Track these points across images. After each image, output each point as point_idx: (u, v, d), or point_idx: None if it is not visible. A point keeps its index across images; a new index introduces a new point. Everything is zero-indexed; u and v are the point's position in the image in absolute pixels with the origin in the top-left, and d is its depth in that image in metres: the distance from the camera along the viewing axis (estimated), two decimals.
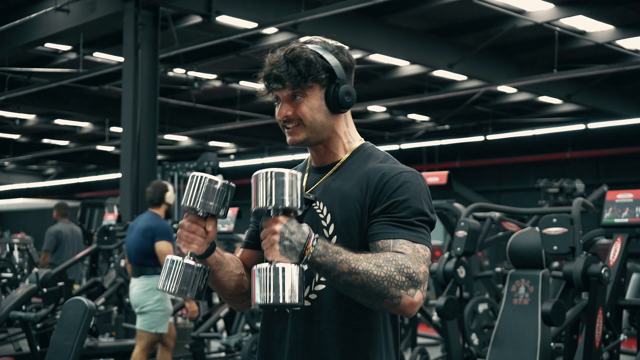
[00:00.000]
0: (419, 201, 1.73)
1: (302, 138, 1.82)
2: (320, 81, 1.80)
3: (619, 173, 16.49)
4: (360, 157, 1.85)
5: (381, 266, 1.60)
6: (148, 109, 8.46)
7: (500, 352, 4.24)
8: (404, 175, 1.75)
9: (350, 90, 1.82)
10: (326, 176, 1.85)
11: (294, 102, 1.82)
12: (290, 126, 1.83)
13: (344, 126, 1.87)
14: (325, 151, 1.86)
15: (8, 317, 4.41)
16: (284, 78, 1.80)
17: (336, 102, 1.81)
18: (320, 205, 1.80)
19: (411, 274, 1.62)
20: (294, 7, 8.98)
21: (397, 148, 18.58)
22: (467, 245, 4.62)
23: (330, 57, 1.82)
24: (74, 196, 25.23)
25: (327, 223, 1.78)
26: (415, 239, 1.69)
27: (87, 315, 3.10)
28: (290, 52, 1.82)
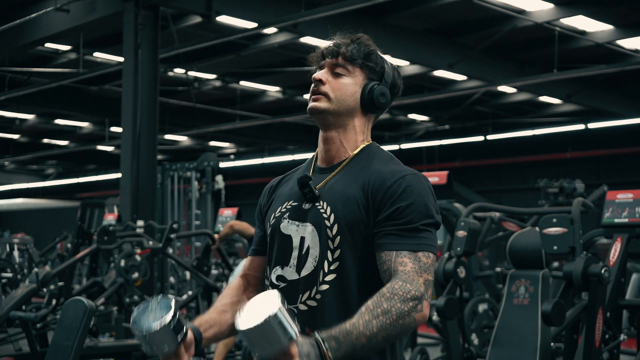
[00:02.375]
0: (422, 204, 1.74)
1: (324, 107, 1.84)
2: (369, 70, 1.86)
3: (619, 173, 16.49)
4: (365, 157, 1.85)
5: (389, 311, 1.62)
6: (148, 109, 8.46)
7: (500, 352, 4.24)
8: (407, 179, 1.76)
9: (387, 94, 1.87)
10: (331, 176, 1.85)
11: (335, 74, 1.85)
12: (318, 91, 1.85)
13: (365, 126, 1.90)
14: (337, 144, 1.87)
15: (8, 317, 4.41)
16: (342, 46, 1.84)
17: (371, 97, 1.85)
18: (324, 205, 1.80)
19: (414, 295, 1.65)
20: (294, 7, 8.98)
21: (397, 148, 18.57)
22: (467, 245, 4.62)
23: (388, 66, 1.89)
24: (74, 196, 25.24)
25: (331, 223, 1.78)
26: (417, 247, 1.70)
27: (87, 315, 3.10)
28: (359, 37, 1.88)
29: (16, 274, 7.18)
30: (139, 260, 6.42)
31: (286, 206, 1.88)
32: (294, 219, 1.84)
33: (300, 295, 1.79)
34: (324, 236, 1.78)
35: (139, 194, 8.28)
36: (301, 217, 1.83)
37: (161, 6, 8.71)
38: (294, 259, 1.81)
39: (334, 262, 1.76)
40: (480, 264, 7.26)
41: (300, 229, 1.83)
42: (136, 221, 7.92)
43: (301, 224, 1.83)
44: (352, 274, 1.75)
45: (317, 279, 1.77)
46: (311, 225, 1.81)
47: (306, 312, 1.78)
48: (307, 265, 1.79)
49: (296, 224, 1.83)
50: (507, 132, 16.86)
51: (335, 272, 1.76)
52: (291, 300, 1.80)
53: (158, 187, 9.22)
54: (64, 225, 16.10)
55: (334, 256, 1.76)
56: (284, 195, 1.91)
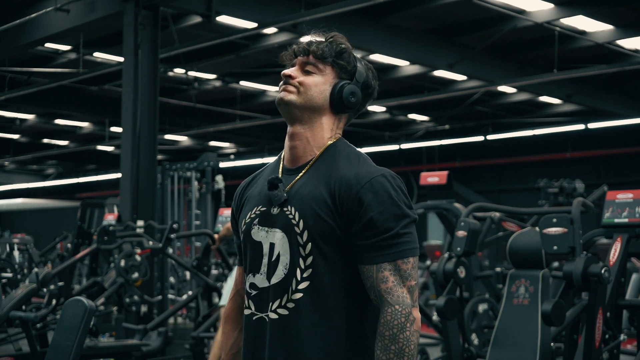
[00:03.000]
0: (395, 206, 1.72)
1: (293, 99, 1.81)
2: (340, 68, 1.84)
3: (619, 173, 16.49)
4: (331, 156, 1.82)
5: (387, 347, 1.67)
6: (148, 109, 8.46)
7: (500, 352, 4.24)
8: (373, 184, 1.73)
9: (357, 93, 1.84)
10: (298, 177, 1.82)
11: (306, 72, 1.84)
12: (287, 83, 1.83)
13: (333, 124, 1.86)
14: (303, 143, 1.83)
15: (8, 317, 4.41)
16: (313, 44, 1.83)
17: (340, 96, 1.82)
18: (292, 210, 1.77)
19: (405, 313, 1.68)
20: (294, 7, 8.98)
21: (397, 148, 18.58)
22: (467, 245, 4.62)
23: (361, 66, 1.87)
24: (74, 196, 25.23)
25: (300, 230, 1.75)
26: (395, 256, 1.70)
27: (87, 315, 3.10)
28: (333, 35, 1.86)
29: (16, 274, 7.18)
30: (139, 260, 6.42)
31: (255, 212, 1.85)
32: (263, 224, 1.82)
33: (271, 303, 1.77)
34: (294, 243, 1.75)
35: (139, 194, 8.28)
36: (270, 223, 1.81)
37: (161, 6, 8.70)
38: (264, 266, 1.79)
39: (306, 269, 1.74)
40: (480, 264, 7.26)
41: (269, 234, 1.80)
42: (136, 221, 7.92)
43: (270, 230, 1.80)
44: (326, 279, 1.74)
45: (289, 286, 1.75)
46: (281, 231, 1.78)
47: (277, 320, 1.76)
48: (278, 273, 1.77)
49: (265, 229, 1.81)
50: (507, 132, 16.85)
51: (308, 280, 1.74)
52: (262, 308, 1.78)
53: (158, 187, 9.22)
54: (64, 225, 16.11)
55: (307, 263, 1.74)
56: (253, 199, 1.89)
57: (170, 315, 7.10)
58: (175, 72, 12.54)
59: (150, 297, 7.49)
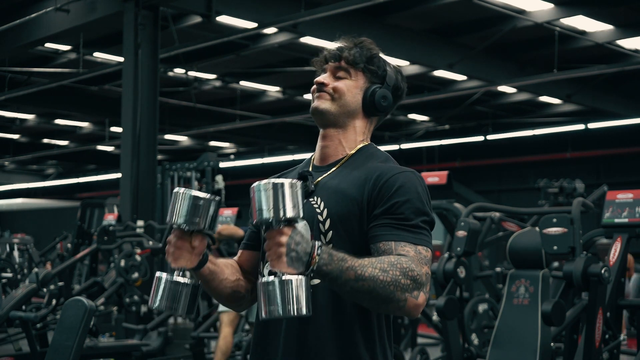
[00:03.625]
0: (420, 201, 1.74)
1: (327, 107, 1.85)
2: (371, 73, 1.88)
3: (619, 173, 16.48)
4: (361, 156, 1.86)
5: (387, 270, 1.60)
6: (148, 109, 8.46)
7: (500, 352, 4.24)
8: (404, 175, 1.76)
9: (389, 96, 1.90)
10: (327, 173, 1.85)
11: (338, 77, 1.87)
12: (321, 90, 1.86)
13: (366, 128, 1.92)
14: (335, 143, 1.87)
15: (8, 317, 4.41)
16: (344, 50, 1.86)
17: (372, 100, 1.87)
18: (317, 200, 1.80)
19: (415, 276, 1.62)
20: (294, 7, 8.97)
21: (397, 148, 18.57)
22: (467, 245, 4.61)
23: (390, 70, 1.91)
24: (74, 196, 25.23)
25: (323, 218, 1.78)
26: (417, 241, 1.70)
27: (87, 315, 3.10)
28: (362, 40, 1.90)
29: (16, 274, 7.18)
30: (139, 260, 6.43)
31: None
32: None
33: None
34: (316, 231, 1.77)
35: (139, 194, 8.28)
36: None
37: (161, 6, 8.71)
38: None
39: None
40: (480, 264, 7.26)
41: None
42: (136, 221, 7.92)
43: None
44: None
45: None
46: (304, 220, 1.79)
47: None
48: None
49: None
50: (507, 132, 16.85)
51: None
52: None
53: (158, 187, 9.22)
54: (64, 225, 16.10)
55: None
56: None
57: (170, 315, 7.10)
58: (175, 72, 12.54)
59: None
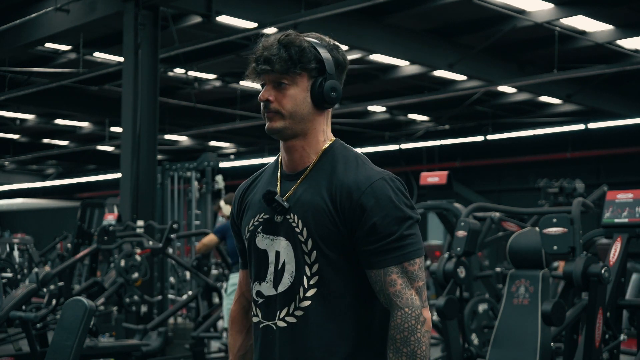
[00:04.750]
0: (397, 209, 1.71)
1: (281, 126, 1.77)
2: (309, 71, 1.77)
3: (619, 173, 16.48)
4: (329, 160, 1.80)
5: (414, 353, 1.68)
6: (148, 109, 8.46)
7: (500, 352, 4.24)
8: (374, 188, 1.72)
9: (337, 86, 1.78)
10: (297, 183, 1.80)
11: (279, 87, 1.77)
12: (270, 110, 1.78)
13: (324, 124, 1.83)
14: (299, 152, 1.81)
15: (8, 317, 4.41)
16: (274, 61, 1.75)
17: (321, 96, 1.77)
18: (295, 218, 1.76)
19: (414, 315, 1.68)
20: (294, 7, 8.97)
21: (397, 148, 18.57)
22: (467, 245, 4.62)
23: (324, 51, 1.78)
24: (74, 196, 25.24)
25: (305, 238, 1.74)
26: (401, 259, 1.70)
27: (87, 315, 3.10)
28: (284, 38, 1.77)
29: (16, 274, 7.19)
30: (139, 260, 6.43)
31: (258, 219, 1.83)
32: (267, 232, 1.81)
33: (279, 311, 1.76)
34: (299, 251, 1.75)
35: (139, 194, 8.28)
36: (274, 231, 1.80)
37: (161, 6, 8.70)
38: (270, 274, 1.78)
39: (313, 276, 1.74)
40: (480, 264, 7.25)
41: (275, 243, 1.79)
42: (136, 221, 7.92)
43: (275, 238, 1.79)
44: (333, 285, 1.73)
45: (296, 294, 1.74)
46: (285, 239, 1.77)
47: (285, 328, 1.75)
48: (284, 281, 1.76)
49: (270, 237, 1.80)
50: (507, 132, 16.85)
51: (315, 287, 1.73)
52: (269, 316, 1.78)
53: (158, 187, 9.22)
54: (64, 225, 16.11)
55: (312, 270, 1.74)
56: (255, 205, 1.86)
57: (170, 315, 7.10)
58: (175, 72, 12.54)
59: (150, 297, 7.48)
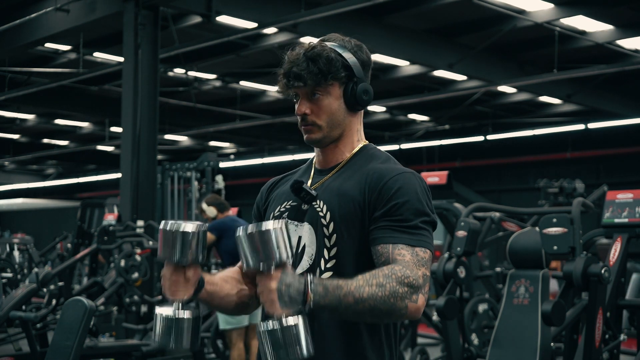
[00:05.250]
0: (419, 202, 1.74)
1: (320, 137, 1.84)
2: (340, 79, 1.83)
3: (619, 173, 16.48)
4: (362, 157, 1.86)
5: (383, 285, 1.61)
6: (148, 109, 8.46)
7: (500, 352, 4.24)
8: (404, 176, 1.76)
9: (368, 88, 1.85)
10: (328, 176, 1.86)
11: (313, 99, 1.83)
12: (307, 123, 1.84)
13: (358, 124, 1.90)
14: (333, 151, 1.88)
15: (8, 317, 4.41)
16: (305, 76, 1.80)
17: (354, 100, 1.84)
18: (320, 204, 1.81)
19: (411, 282, 1.64)
20: (294, 7, 8.97)
21: (397, 148, 18.56)
22: (467, 245, 4.62)
23: (349, 56, 1.85)
24: (74, 196, 25.23)
25: (327, 221, 1.79)
26: (414, 243, 1.70)
27: (87, 315, 3.10)
28: (310, 50, 1.81)
29: (16, 274, 7.19)
30: (139, 260, 6.43)
31: (285, 206, 1.88)
32: (292, 218, 1.85)
33: None
34: (320, 234, 1.79)
35: (139, 194, 8.28)
36: (299, 217, 1.84)
37: (161, 6, 8.70)
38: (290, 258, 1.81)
39: (330, 259, 1.77)
40: (480, 264, 7.26)
41: (298, 229, 1.83)
42: (136, 221, 7.92)
43: (299, 224, 1.84)
44: (349, 270, 1.75)
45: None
46: (308, 224, 1.81)
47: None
48: (302, 264, 1.80)
49: (295, 223, 1.84)
50: (507, 132, 16.85)
51: (332, 270, 1.77)
52: None
53: (158, 187, 9.22)
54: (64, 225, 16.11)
55: (330, 254, 1.77)
56: (283, 195, 1.92)
57: None
58: (175, 72, 12.54)
59: (150, 297, 7.48)
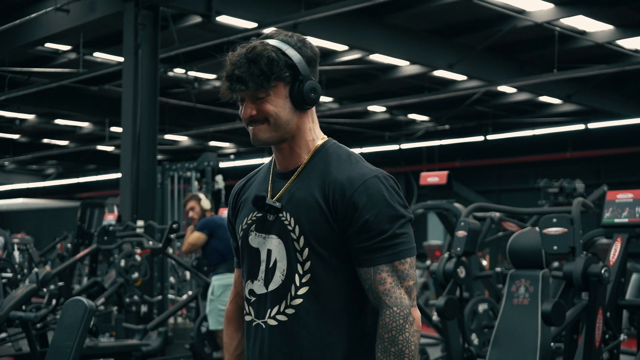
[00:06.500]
0: (390, 207, 1.71)
1: (267, 137, 1.77)
2: (284, 79, 1.75)
3: (619, 173, 16.48)
4: (321, 158, 1.80)
5: (401, 352, 1.67)
6: (148, 109, 8.46)
7: (500, 352, 4.24)
8: (367, 185, 1.71)
9: (315, 86, 1.77)
10: (289, 182, 1.80)
11: (258, 101, 1.75)
12: (254, 125, 1.78)
13: (309, 122, 1.82)
14: (289, 152, 1.81)
15: (8, 317, 4.42)
16: (247, 79, 1.73)
17: (301, 99, 1.76)
18: (287, 216, 1.76)
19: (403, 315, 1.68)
20: (294, 7, 8.98)
21: (397, 148, 18.58)
22: (467, 245, 4.62)
23: (293, 53, 1.76)
24: (74, 196, 25.24)
25: (297, 235, 1.74)
26: (392, 258, 1.70)
27: (87, 315, 3.10)
28: (251, 51, 1.74)
29: (16, 274, 7.18)
30: (139, 260, 6.43)
31: (251, 217, 1.84)
32: (259, 230, 1.81)
33: (269, 309, 1.77)
34: (291, 249, 1.75)
35: (139, 194, 8.28)
36: (266, 229, 1.80)
37: (161, 6, 8.70)
38: (262, 273, 1.79)
39: (305, 274, 1.74)
40: (480, 264, 7.26)
41: (267, 241, 1.79)
42: (136, 221, 7.92)
43: (267, 236, 1.80)
44: (325, 284, 1.73)
45: (287, 292, 1.75)
46: (277, 237, 1.77)
47: (276, 327, 1.75)
48: (275, 279, 1.76)
49: (262, 236, 1.80)
50: (507, 132, 16.86)
51: (307, 285, 1.74)
52: (260, 314, 1.79)
53: (158, 187, 9.22)
54: (64, 225, 16.11)
55: (305, 268, 1.74)
56: (249, 204, 1.86)
57: (170, 315, 7.10)
58: (175, 72, 12.54)
59: (150, 297, 7.49)
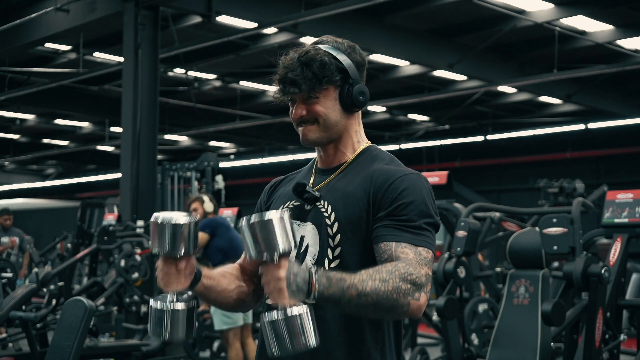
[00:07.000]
0: (424, 204, 1.74)
1: (316, 137, 1.84)
2: (335, 82, 1.83)
3: (619, 173, 16.48)
4: (365, 158, 1.86)
5: (386, 280, 1.61)
6: (148, 109, 8.46)
7: (500, 352, 4.24)
8: (410, 178, 1.77)
9: (364, 89, 1.86)
10: (332, 177, 1.86)
11: (309, 102, 1.83)
12: (304, 125, 1.84)
13: (356, 125, 1.90)
14: (334, 151, 1.88)
15: (8, 317, 4.42)
16: (300, 81, 1.80)
17: (350, 102, 1.84)
18: (325, 204, 1.81)
19: (414, 279, 1.64)
20: (294, 7, 8.98)
21: (397, 148, 18.56)
22: (467, 245, 4.62)
23: (343, 58, 1.85)
24: (74, 196, 25.22)
25: (331, 222, 1.79)
26: (418, 242, 1.70)
27: (87, 315, 3.10)
28: (304, 55, 1.83)
29: (16, 274, 7.19)
30: (139, 260, 6.43)
31: (288, 205, 1.88)
32: (295, 218, 1.84)
33: None
34: (324, 234, 1.78)
35: (139, 194, 8.28)
36: (302, 217, 1.84)
37: (161, 6, 8.71)
38: (292, 257, 1.79)
39: (334, 259, 1.77)
40: (480, 264, 7.26)
41: (300, 228, 1.83)
42: (136, 221, 7.92)
43: (302, 224, 1.83)
44: (352, 269, 1.73)
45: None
46: (311, 224, 1.81)
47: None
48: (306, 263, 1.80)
49: (297, 223, 1.84)
50: (507, 132, 16.86)
51: (336, 269, 1.75)
52: None
53: (158, 187, 9.22)
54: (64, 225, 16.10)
55: (334, 254, 1.77)
56: (286, 195, 1.92)
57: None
58: (175, 72, 12.54)
59: (150, 297, 7.47)
